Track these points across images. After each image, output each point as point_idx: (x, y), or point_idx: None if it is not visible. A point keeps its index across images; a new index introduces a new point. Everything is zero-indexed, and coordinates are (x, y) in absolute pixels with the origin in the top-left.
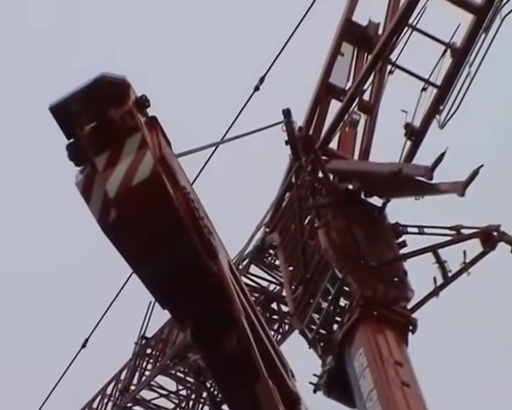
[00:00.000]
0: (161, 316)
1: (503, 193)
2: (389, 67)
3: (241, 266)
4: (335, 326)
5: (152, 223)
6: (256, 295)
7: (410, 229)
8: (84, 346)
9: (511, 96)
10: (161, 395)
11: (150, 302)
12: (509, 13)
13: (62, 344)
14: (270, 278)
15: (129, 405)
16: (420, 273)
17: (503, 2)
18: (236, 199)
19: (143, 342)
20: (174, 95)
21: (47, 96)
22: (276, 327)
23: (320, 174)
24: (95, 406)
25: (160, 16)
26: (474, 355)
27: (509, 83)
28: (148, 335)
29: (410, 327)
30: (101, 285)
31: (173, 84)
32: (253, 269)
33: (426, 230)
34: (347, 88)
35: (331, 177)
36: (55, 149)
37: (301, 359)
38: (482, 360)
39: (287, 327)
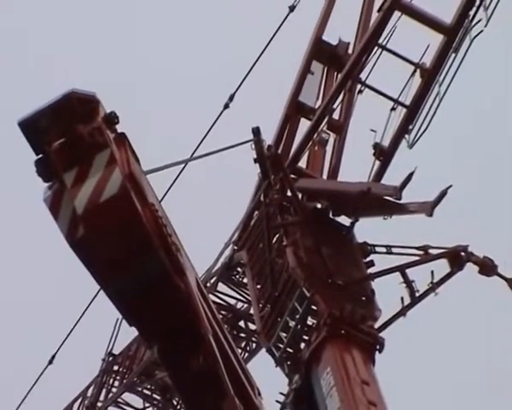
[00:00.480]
0: (129, 333)
1: (471, 213)
2: (359, 86)
3: (208, 284)
4: (303, 345)
5: (120, 240)
6: (223, 312)
7: (378, 248)
8: (50, 362)
9: (478, 116)
10: None
11: (117, 319)
12: (478, 34)
13: (28, 360)
14: (237, 295)
15: None
16: (388, 293)
17: (473, 23)
18: (206, 216)
19: (110, 358)
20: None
21: (17, 110)
22: (243, 345)
23: (288, 193)
24: None
25: (128, 34)
26: (440, 375)
27: (476, 103)
28: (116, 351)
29: (377, 346)
30: (68, 301)
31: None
32: (221, 287)
33: (394, 249)
34: (317, 107)
35: (300, 195)
36: (23, 164)
37: (268, 377)
38: (449, 380)
39: (254, 345)
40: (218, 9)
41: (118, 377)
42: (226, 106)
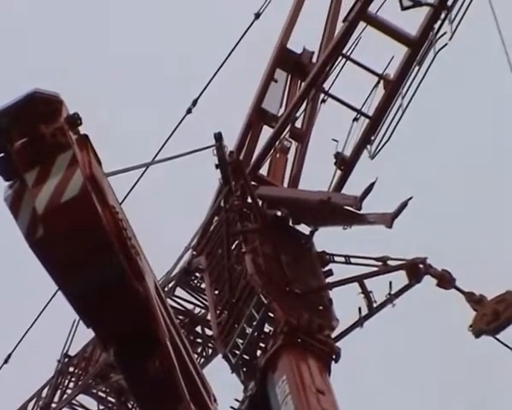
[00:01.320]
0: (86, 334)
1: (432, 226)
2: (322, 95)
3: (167, 288)
4: (259, 352)
5: (79, 241)
6: (181, 317)
7: (336, 258)
8: (6, 362)
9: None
10: None
11: (74, 320)
12: (442, 47)
13: None
14: (195, 301)
15: None
16: (346, 303)
17: (438, 36)
18: (166, 220)
19: (66, 360)
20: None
21: None
22: (199, 350)
23: (249, 199)
24: None
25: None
26: (396, 385)
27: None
28: (72, 353)
29: (334, 356)
30: (26, 300)
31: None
32: (179, 291)
33: (352, 260)
34: (280, 114)
35: (260, 203)
36: None
37: (223, 383)
38: (404, 389)
39: (210, 351)
40: (187, 14)
41: (73, 379)
42: (189, 111)
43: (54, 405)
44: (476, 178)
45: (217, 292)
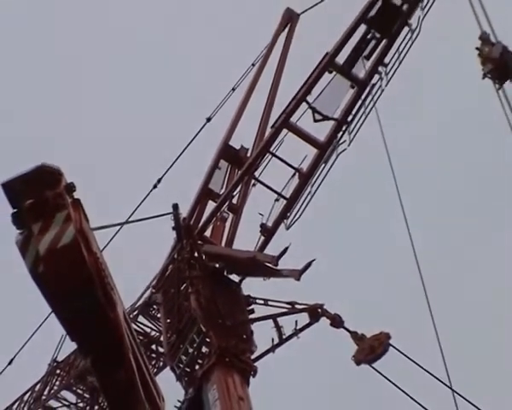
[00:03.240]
0: (70, 345)
1: (328, 280)
2: (253, 181)
3: (132, 315)
4: (197, 366)
5: (69, 277)
6: (141, 337)
7: (258, 300)
8: (10, 363)
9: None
10: (64, 405)
11: (62, 335)
12: (342, 151)
13: None
14: (152, 326)
15: None
16: (263, 333)
17: (339, 143)
18: (133, 265)
19: (55, 364)
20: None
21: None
22: (153, 363)
23: (195, 254)
24: (14, 408)
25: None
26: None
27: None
28: (59, 359)
29: (252, 372)
30: (26, 316)
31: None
32: (141, 318)
33: (269, 302)
34: (221, 193)
35: (204, 257)
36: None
37: (170, 389)
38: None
39: (161, 364)
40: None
41: (59, 379)
42: (155, 186)
43: (43, 397)
44: None
45: (168, 320)
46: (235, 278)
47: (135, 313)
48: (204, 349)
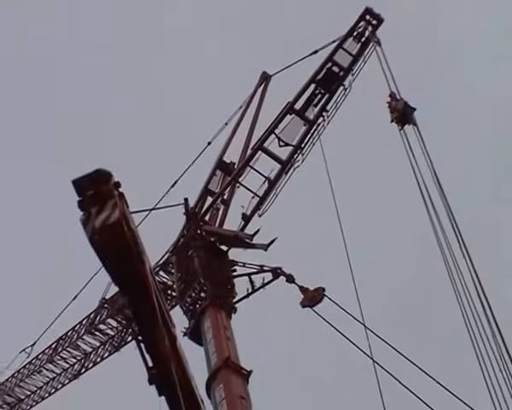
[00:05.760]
0: (114, 288)
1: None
2: (237, 185)
3: (155, 270)
4: (197, 306)
5: (115, 245)
6: (161, 285)
7: (238, 263)
8: (74, 299)
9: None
10: (108, 328)
11: (109, 282)
12: (297, 166)
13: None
14: (168, 278)
15: (92, 331)
16: (242, 284)
17: (296, 160)
18: (159, 238)
19: (104, 300)
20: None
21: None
22: (168, 302)
23: (198, 231)
24: (76, 328)
25: None
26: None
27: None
28: (107, 297)
29: (233, 310)
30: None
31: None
32: (161, 273)
33: (246, 265)
34: (216, 191)
35: (203, 233)
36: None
37: (179, 320)
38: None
39: (174, 303)
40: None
41: (106, 311)
42: (172, 186)
43: (95, 322)
44: None
45: (179, 274)
46: (224, 248)
47: (157, 269)
48: (202, 294)
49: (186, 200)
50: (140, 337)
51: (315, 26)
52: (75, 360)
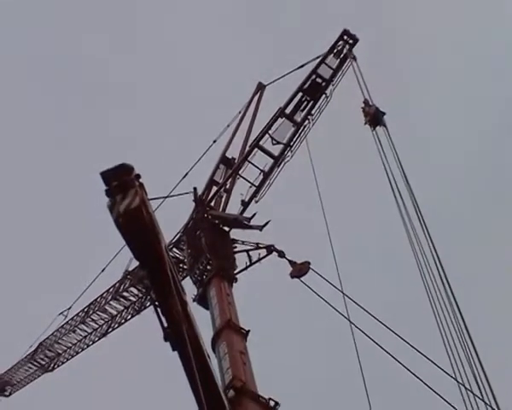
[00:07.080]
0: (136, 262)
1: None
2: (238, 176)
3: (169, 247)
4: (204, 277)
5: (136, 225)
6: (174, 260)
7: (238, 241)
8: (102, 271)
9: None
10: (131, 296)
11: (131, 257)
12: (287, 161)
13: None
14: (180, 253)
15: (117, 297)
16: (241, 259)
17: (286, 156)
18: (172, 221)
19: (127, 272)
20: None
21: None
22: (180, 273)
23: (205, 215)
24: (103, 295)
25: None
26: None
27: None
28: (130, 269)
29: (234, 280)
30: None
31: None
32: (174, 250)
33: (245, 243)
34: (220, 182)
35: (209, 217)
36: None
37: (189, 289)
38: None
39: (185, 274)
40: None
41: (129, 281)
42: (183, 177)
43: (120, 290)
44: None
45: (189, 251)
46: (226, 229)
47: (171, 246)
48: (208, 267)
49: (195, 189)
50: (157, 303)
51: (303, 43)
52: (103, 322)
